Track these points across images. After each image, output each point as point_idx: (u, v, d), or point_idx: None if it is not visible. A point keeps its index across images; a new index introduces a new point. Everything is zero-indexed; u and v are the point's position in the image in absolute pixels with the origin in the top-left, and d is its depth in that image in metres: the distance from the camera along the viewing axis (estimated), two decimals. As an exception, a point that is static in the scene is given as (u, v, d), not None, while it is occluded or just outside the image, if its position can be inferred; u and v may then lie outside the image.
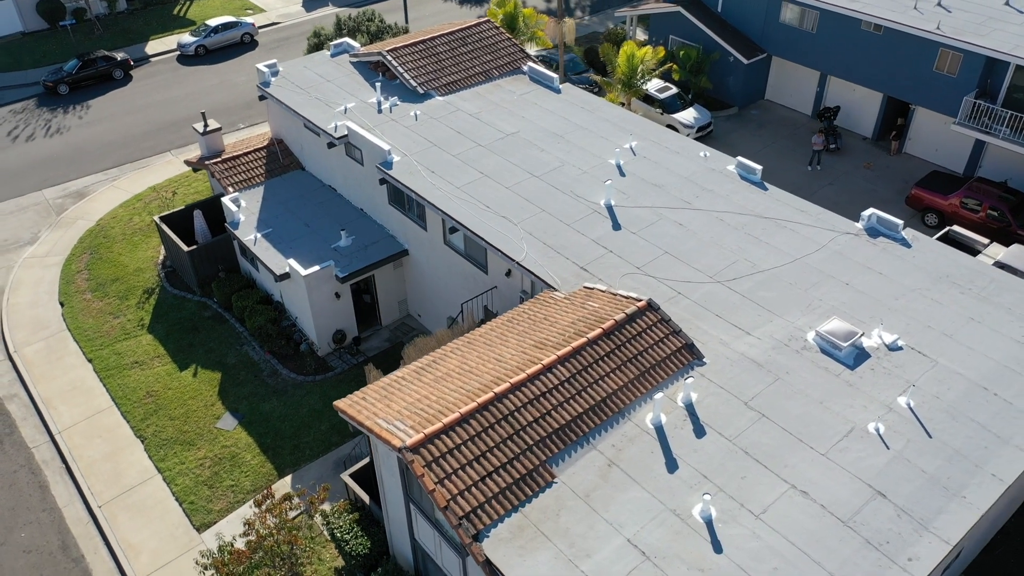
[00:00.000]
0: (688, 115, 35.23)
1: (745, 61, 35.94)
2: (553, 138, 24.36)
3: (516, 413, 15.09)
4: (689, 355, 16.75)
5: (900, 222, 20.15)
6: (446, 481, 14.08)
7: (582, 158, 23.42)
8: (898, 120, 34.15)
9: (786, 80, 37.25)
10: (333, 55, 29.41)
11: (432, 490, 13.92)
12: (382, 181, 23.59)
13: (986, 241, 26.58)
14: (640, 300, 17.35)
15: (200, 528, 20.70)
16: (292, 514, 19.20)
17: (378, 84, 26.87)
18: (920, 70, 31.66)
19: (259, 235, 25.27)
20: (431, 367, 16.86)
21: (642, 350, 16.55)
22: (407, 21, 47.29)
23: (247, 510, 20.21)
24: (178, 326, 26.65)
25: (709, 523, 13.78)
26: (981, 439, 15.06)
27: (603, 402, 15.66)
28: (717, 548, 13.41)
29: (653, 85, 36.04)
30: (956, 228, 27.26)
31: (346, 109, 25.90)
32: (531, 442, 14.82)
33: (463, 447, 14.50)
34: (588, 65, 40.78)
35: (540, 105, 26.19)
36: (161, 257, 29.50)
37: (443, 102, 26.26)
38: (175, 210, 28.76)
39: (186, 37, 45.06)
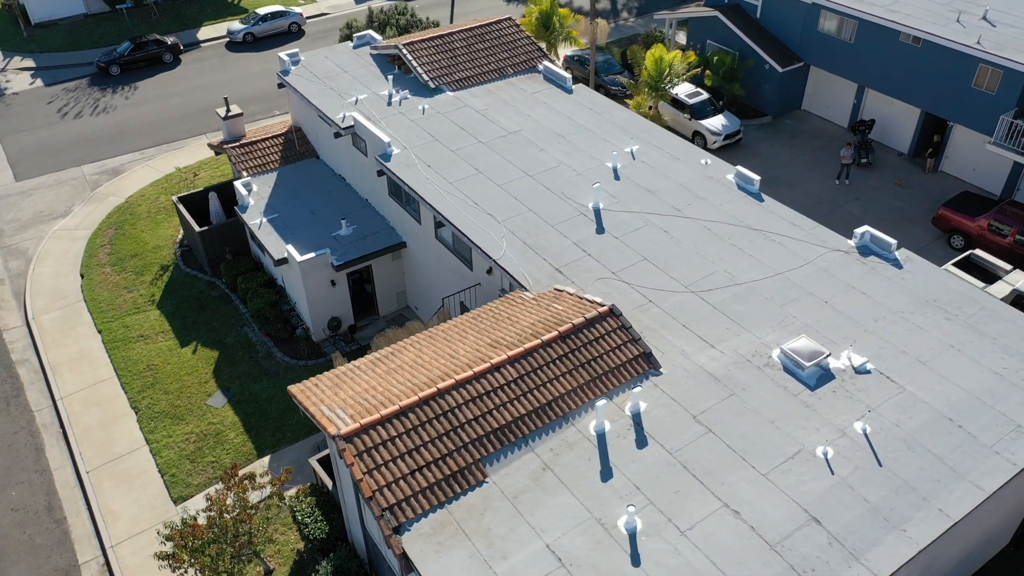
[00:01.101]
0: (716, 122, 34.55)
1: (780, 69, 35.07)
2: (555, 138, 24.24)
3: (456, 410, 15.10)
4: (646, 364, 16.48)
5: (893, 242, 19.41)
6: (375, 472, 14.19)
7: (580, 160, 23.24)
8: (934, 137, 32.83)
9: (823, 91, 36.20)
10: (355, 47, 29.83)
11: (359, 479, 14.05)
12: (380, 173, 23.85)
13: (1008, 267, 25.43)
14: (602, 305, 17.15)
15: (177, 500, 21.30)
16: (256, 494, 19.58)
17: (391, 77, 27.16)
18: (958, 86, 30.37)
19: (265, 220, 25.83)
20: (387, 359, 16.99)
21: (597, 356, 16.36)
22: (452, 19, 47.71)
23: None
24: (186, 304, 27.46)
25: (633, 535, 13.55)
26: (934, 472, 14.42)
27: (548, 405, 15.55)
28: (635, 561, 13.19)
29: (683, 89, 35.47)
30: (978, 252, 26.16)
31: (357, 100, 26.25)
32: (467, 440, 14.81)
33: (397, 440, 14.59)
34: (625, 67, 40.38)
35: (548, 104, 26.08)
36: (179, 236, 30.43)
37: (452, 97, 26.39)
38: (194, 191, 29.59)
39: (236, 24, 46.29)
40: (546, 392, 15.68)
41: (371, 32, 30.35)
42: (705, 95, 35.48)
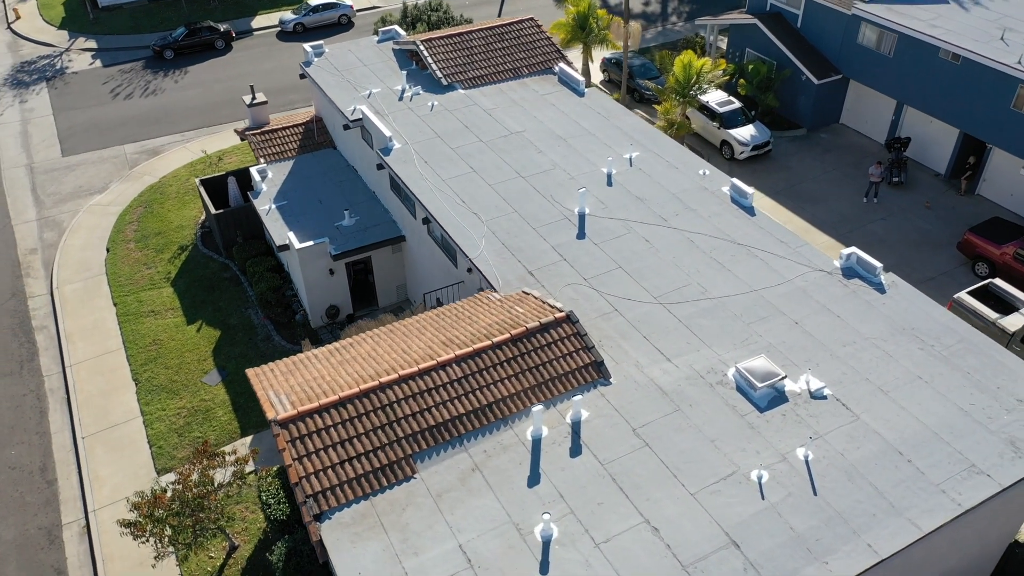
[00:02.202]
0: (744, 132, 33.85)
1: (816, 81, 34.12)
2: (555, 140, 24.18)
3: (395, 405, 15.30)
4: (596, 373, 16.37)
5: (879, 265, 18.75)
6: (305, 459, 14.51)
7: (576, 163, 23.14)
8: (969, 159, 31.46)
9: (862, 105, 35.07)
10: (379, 41, 30.30)
11: (289, 465, 14.39)
12: (379, 166, 24.22)
13: (1029, 299, 24.29)
14: (560, 311, 17.08)
15: (160, 472, 22.12)
16: (225, 473, 20.15)
17: (407, 72, 27.51)
18: (998, 107, 29.05)
19: (274, 206, 26.50)
20: (344, 350, 17.31)
21: (547, 361, 16.32)
22: (499, 16, 47.92)
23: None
24: (198, 283, 28.41)
25: (547, 543, 13.52)
26: (871, 505, 13.94)
27: (489, 407, 15.60)
28: (544, 569, 13.16)
29: (715, 97, 34.87)
30: (997, 281, 25.02)
31: (370, 94, 26.69)
32: (402, 435, 15.00)
33: (332, 429, 14.87)
34: (663, 71, 39.88)
35: (557, 106, 26.02)
36: (201, 218, 31.47)
37: (463, 95, 26.58)
38: (217, 175, 30.55)
39: (288, 15, 47.48)
40: (489, 393, 15.74)
41: (396, 27, 30.79)
42: (737, 104, 34.79)
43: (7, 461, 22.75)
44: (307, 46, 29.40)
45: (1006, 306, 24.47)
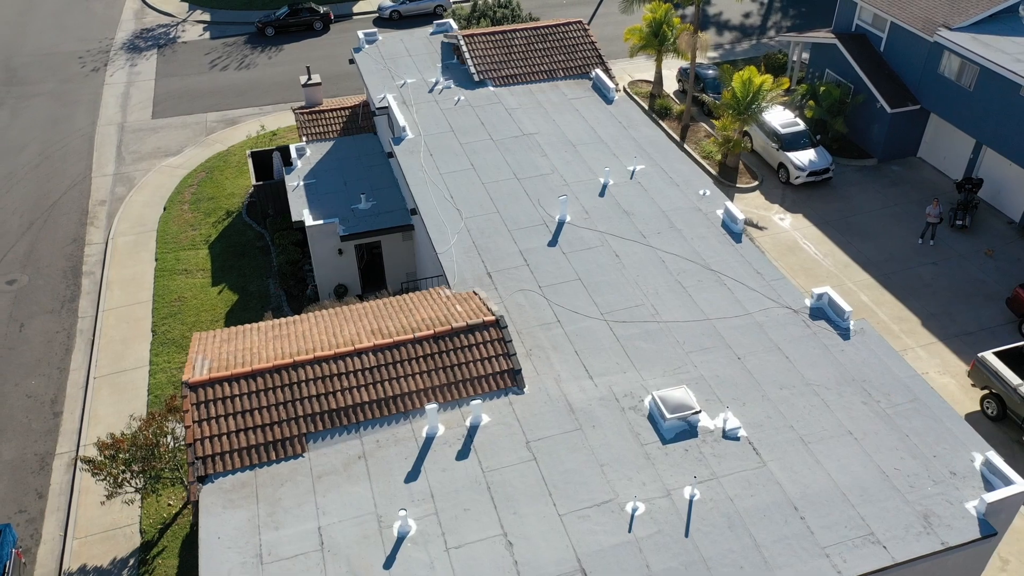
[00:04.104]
0: (803, 156, 32.24)
1: (889, 109, 32.01)
2: (564, 146, 23.97)
3: (302, 384, 15.78)
4: (510, 380, 16.25)
5: (849, 309, 17.55)
6: (204, 423, 15.23)
7: (576, 171, 22.87)
8: (1042, 208, 28.75)
9: (940, 139, 32.63)
10: (432, 33, 30.87)
11: (188, 426, 15.15)
12: (389, 154, 24.78)
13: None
14: (490, 315, 17.04)
15: (149, 419, 23.66)
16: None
17: (446, 65, 27.96)
18: (1078, 155, 26.39)
19: (302, 182, 27.61)
20: (284, 326, 17.96)
21: (464, 362, 16.36)
22: (592, 18, 47.62)
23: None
24: (231, 248, 30.03)
25: (401, 539, 13.63)
26: (742, 557, 13.20)
27: (394, 399, 15.82)
28: (388, 564, 13.28)
29: (779, 117, 33.40)
30: (1032, 343, 22.84)
31: (404, 83, 27.32)
32: (301, 414, 15.46)
33: (237, 399, 15.52)
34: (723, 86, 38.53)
35: (580, 112, 25.75)
36: (251, 188, 33.15)
37: (491, 92, 26.75)
38: (268, 149, 32.09)
39: (387, 1, 48.98)
40: (397, 386, 15.95)
41: (450, 20, 31.26)
42: (801, 127, 33.16)
43: (26, 389, 24.95)
44: (360, 33, 30.37)
45: (1036, 373, 22.33)
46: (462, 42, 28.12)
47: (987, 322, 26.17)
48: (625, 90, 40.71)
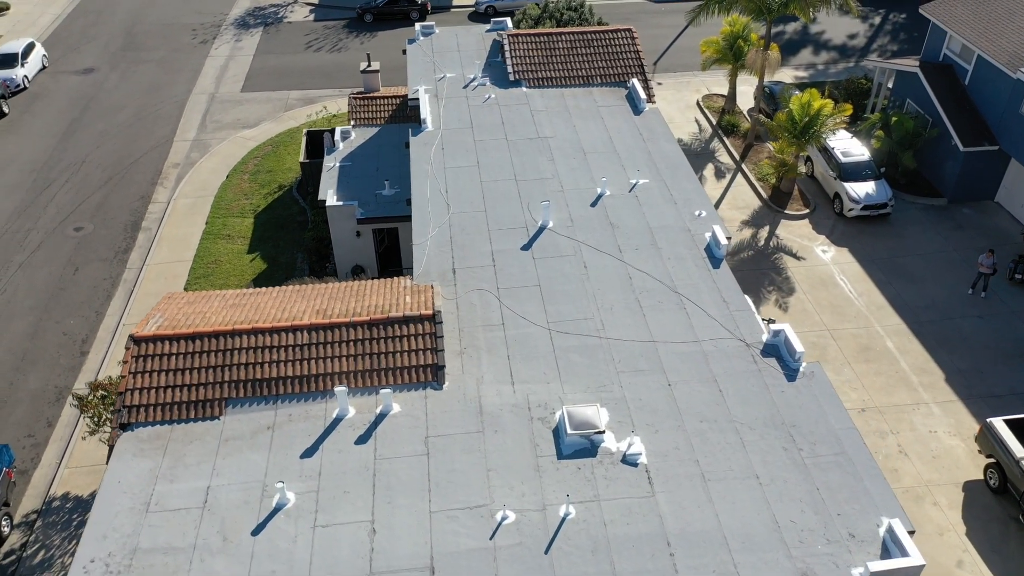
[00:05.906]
0: (860, 188, 30.53)
1: (961, 147, 29.79)
2: (575, 152, 23.81)
3: (236, 351, 16.59)
4: (431, 375, 16.48)
5: (801, 350, 16.68)
6: (139, 375, 16.31)
7: (578, 178, 22.70)
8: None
9: (1019, 184, 30.07)
10: (487, 31, 31.23)
11: (123, 376, 16.27)
12: (406, 144, 25.38)
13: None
14: (428, 310, 17.30)
15: (159, 369, 25.34)
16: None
17: (489, 63, 28.30)
18: None
19: (337, 164, 28.74)
20: (245, 296, 18.87)
21: (392, 351, 16.72)
22: (686, 27, 46.57)
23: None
24: (274, 220, 31.59)
25: (276, 510, 14.17)
26: (593, 583, 12.94)
27: (317, 377, 16.38)
28: (256, 531, 13.86)
29: (843, 145, 31.76)
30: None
31: (443, 77, 27.86)
32: (226, 379, 16.28)
33: (173, 357, 16.52)
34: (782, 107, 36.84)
35: (604, 120, 25.47)
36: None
37: (522, 93, 26.87)
38: (323, 129, 33.46)
39: (483, -4, 49.81)
40: (324, 365, 16.49)
41: (507, 19, 31.54)
42: (866, 157, 31.41)
43: (64, 327, 27.28)
44: (418, 25, 31.14)
45: (1048, 448, 20.38)
46: (505, 41, 28.36)
47: (1021, 387, 24.03)
48: (698, 104, 39.74)
